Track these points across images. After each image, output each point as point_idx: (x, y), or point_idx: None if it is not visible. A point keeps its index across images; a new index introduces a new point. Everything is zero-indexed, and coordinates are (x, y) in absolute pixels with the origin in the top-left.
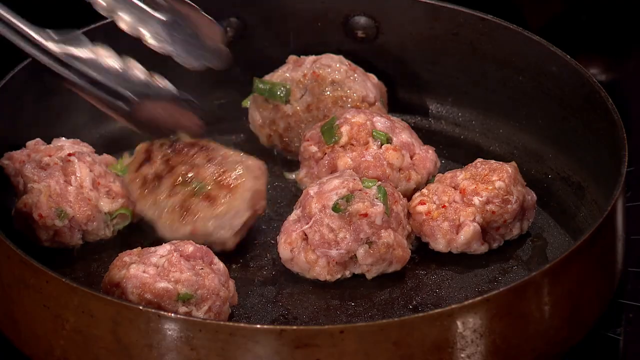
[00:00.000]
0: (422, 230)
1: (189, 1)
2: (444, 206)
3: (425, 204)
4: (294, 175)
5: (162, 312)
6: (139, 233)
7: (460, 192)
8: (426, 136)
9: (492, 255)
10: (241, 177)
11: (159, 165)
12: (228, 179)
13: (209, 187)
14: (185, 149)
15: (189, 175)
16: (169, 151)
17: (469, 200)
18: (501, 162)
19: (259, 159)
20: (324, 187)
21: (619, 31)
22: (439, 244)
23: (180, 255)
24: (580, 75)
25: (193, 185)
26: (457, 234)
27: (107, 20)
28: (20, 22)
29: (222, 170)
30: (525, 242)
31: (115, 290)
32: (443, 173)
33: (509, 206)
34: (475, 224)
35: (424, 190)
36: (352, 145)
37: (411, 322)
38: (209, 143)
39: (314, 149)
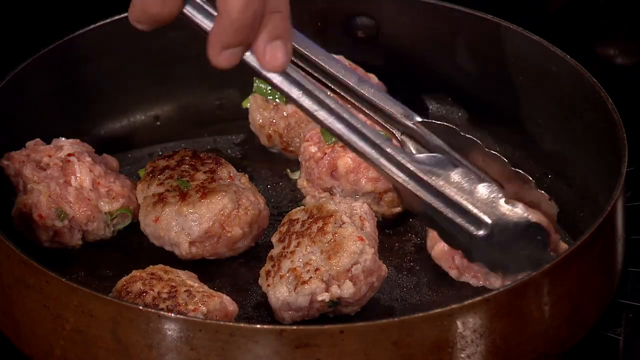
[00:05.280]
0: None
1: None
2: None
3: None
4: (297, 176)
5: (162, 312)
6: (139, 233)
7: None
8: None
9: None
10: (219, 192)
11: (171, 162)
12: (209, 187)
13: (189, 187)
14: (205, 159)
15: (184, 173)
16: (191, 155)
17: None
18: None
19: (263, 205)
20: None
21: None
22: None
23: None
24: (580, 75)
25: (179, 182)
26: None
27: (106, 21)
28: (385, 144)
29: (211, 177)
30: None
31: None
32: None
33: None
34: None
35: None
36: None
37: (411, 322)
38: (228, 165)
39: (314, 149)
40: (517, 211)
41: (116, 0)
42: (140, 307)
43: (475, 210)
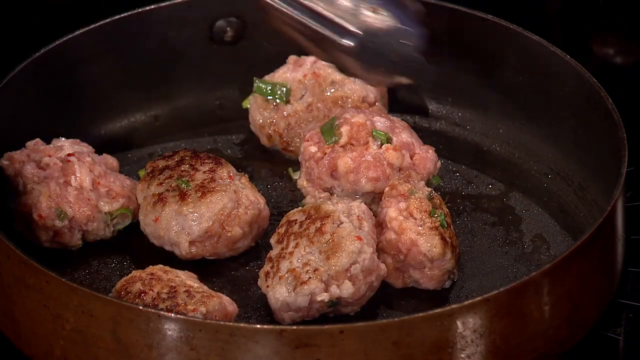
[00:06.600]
0: None
1: None
2: None
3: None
4: (297, 176)
5: (162, 312)
6: (139, 233)
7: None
8: (426, 136)
9: (493, 255)
10: (219, 192)
11: (171, 162)
12: (208, 186)
13: (189, 187)
14: (205, 159)
15: (184, 173)
16: (191, 155)
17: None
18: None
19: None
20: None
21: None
22: None
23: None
24: (580, 75)
25: (179, 182)
26: None
27: (106, 21)
28: None
29: (211, 177)
30: (525, 242)
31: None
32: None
33: None
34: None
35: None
36: (352, 145)
37: (411, 322)
38: (227, 165)
39: (314, 149)
40: (382, 18)
41: (116, 0)
42: (140, 307)
43: (341, 22)
